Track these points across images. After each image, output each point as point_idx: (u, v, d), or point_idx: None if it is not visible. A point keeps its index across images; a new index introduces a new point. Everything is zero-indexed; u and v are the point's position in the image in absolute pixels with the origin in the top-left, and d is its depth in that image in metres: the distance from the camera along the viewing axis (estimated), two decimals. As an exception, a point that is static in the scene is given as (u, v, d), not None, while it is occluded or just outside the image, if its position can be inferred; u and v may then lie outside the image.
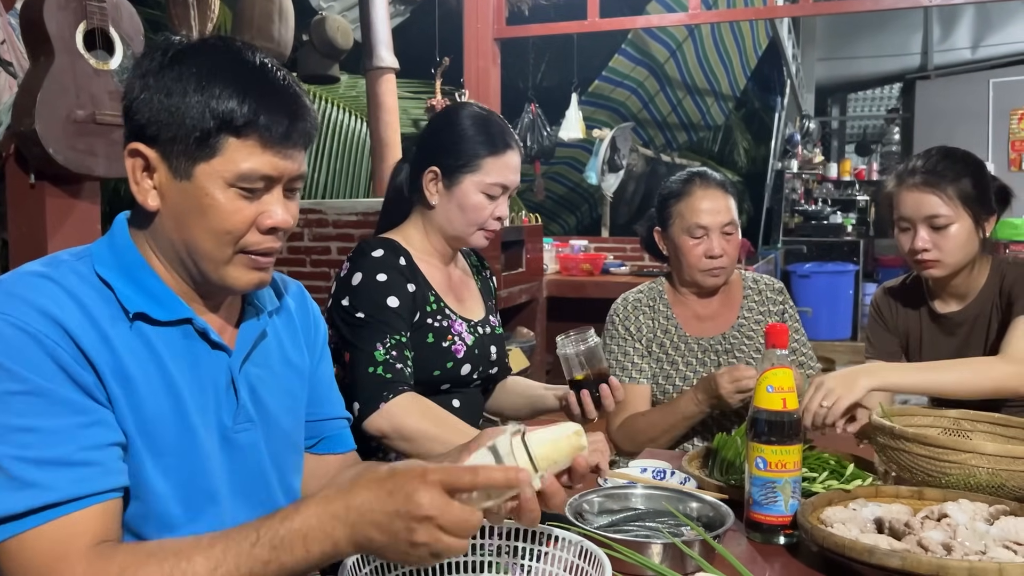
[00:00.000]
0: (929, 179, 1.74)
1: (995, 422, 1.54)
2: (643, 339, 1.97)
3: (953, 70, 10.81)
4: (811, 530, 1.13)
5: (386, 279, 1.55)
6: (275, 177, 0.99)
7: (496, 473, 0.85)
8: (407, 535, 0.82)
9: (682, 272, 1.95)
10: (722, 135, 10.62)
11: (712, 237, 1.88)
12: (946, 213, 1.72)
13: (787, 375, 1.23)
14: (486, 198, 1.60)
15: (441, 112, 1.73)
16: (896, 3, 4.67)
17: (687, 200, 1.91)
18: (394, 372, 1.49)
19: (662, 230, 1.98)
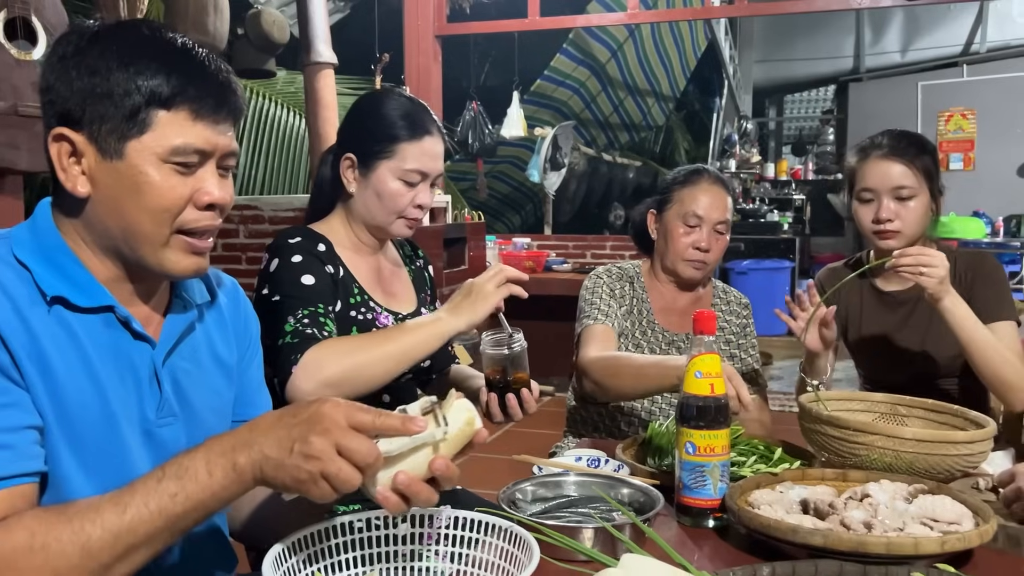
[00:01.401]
0: (895, 151, 1.80)
1: (928, 407, 1.58)
2: (623, 307, 1.96)
3: (884, 73, 11.16)
4: (739, 512, 1.15)
5: (301, 259, 1.50)
6: (208, 151, 0.98)
7: (393, 419, 0.86)
8: (302, 447, 0.82)
9: (666, 258, 1.96)
10: (663, 136, 10.79)
11: (704, 229, 1.90)
12: (911, 184, 1.79)
13: (715, 361, 1.24)
14: (404, 185, 1.56)
15: (360, 99, 1.70)
16: (828, 4, 4.79)
17: (691, 189, 1.92)
18: (303, 337, 1.41)
19: (657, 212, 1.99)
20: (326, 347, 1.39)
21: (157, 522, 0.84)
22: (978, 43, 10.68)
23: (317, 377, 1.35)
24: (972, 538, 1.04)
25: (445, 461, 0.91)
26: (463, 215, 4.82)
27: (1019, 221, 8.83)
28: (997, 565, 1.12)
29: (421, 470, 0.90)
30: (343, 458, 0.82)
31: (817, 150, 12.42)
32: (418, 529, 1.01)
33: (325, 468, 0.82)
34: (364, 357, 1.38)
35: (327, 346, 1.39)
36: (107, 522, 0.83)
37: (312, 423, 0.83)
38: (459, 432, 0.92)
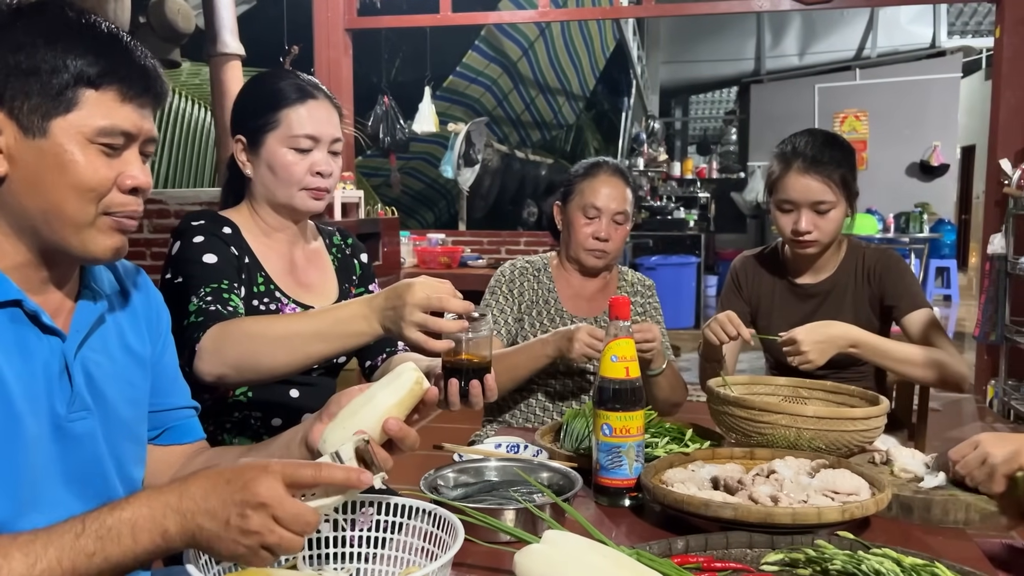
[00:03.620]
0: (816, 167, 1.87)
1: (827, 389, 1.67)
2: (522, 304, 2.01)
3: (783, 75, 11.62)
4: (653, 489, 1.19)
5: (203, 240, 1.45)
6: (134, 134, 0.96)
7: (337, 472, 0.84)
8: (239, 521, 0.80)
9: (570, 248, 2.01)
10: (573, 134, 10.93)
11: (603, 220, 1.95)
12: (830, 199, 1.87)
13: (629, 345, 1.28)
14: (296, 153, 1.50)
15: (245, 82, 1.66)
16: (730, 7, 4.95)
17: (590, 181, 1.97)
18: (207, 314, 1.34)
19: (562, 204, 2.04)
20: (227, 327, 1.30)
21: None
22: (869, 48, 11.24)
23: (216, 359, 1.27)
24: (869, 506, 1.11)
25: (398, 422, 0.93)
26: (376, 211, 4.78)
27: (908, 218, 9.33)
28: (892, 531, 1.20)
29: (374, 435, 0.92)
30: (284, 528, 0.80)
31: (721, 149, 12.85)
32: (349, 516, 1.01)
33: (265, 541, 0.80)
34: (263, 344, 1.27)
35: (228, 326, 1.30)
36: (14, 573, 0.78)
37: (248, 496, 0.80)
38: (408, 393, 0.94)
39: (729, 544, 1.08)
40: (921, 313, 1.88)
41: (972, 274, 10.87)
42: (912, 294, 1.91)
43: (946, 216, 10.28)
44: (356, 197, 4.62)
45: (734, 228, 11.92)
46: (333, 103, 1.57)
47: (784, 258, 2.06)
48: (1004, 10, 4.59)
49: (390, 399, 0.95)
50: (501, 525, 1.04)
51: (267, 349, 1.26)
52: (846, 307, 1.97)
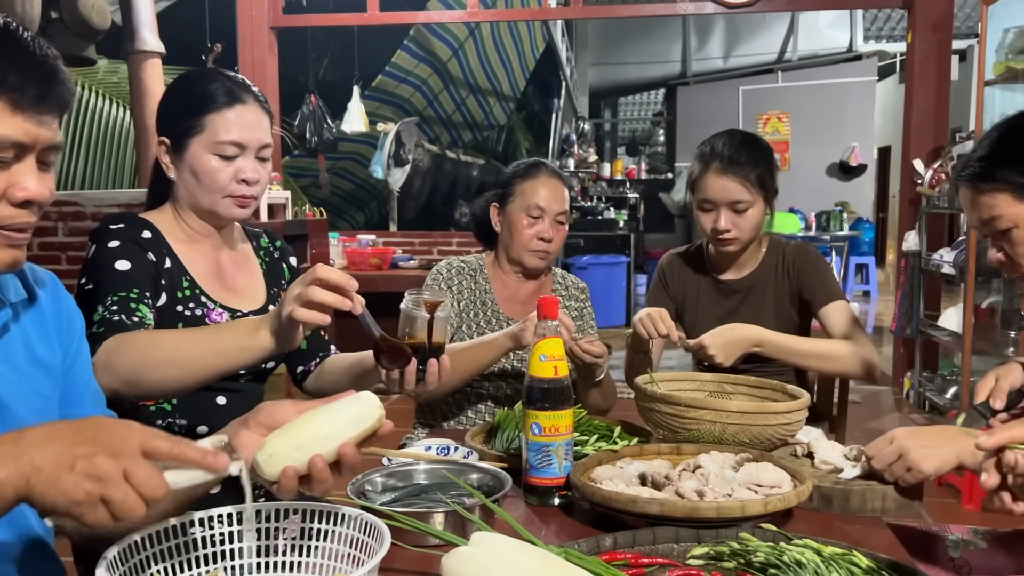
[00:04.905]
0: (733, 167, 1.91)
1: (750, 384, 1.71)
2: (462, 302, 1.99)
3: (708, 77, 11.88)
4: (582, 487, 1.20)
5: (118, 245, 1.40)
6: (28, 144, 0.90)
7: (192, 451, 0.80)
8: (86, 465, 0.74)
9: (511, 249, 1.99)
10: (505, 135, 10.95)
11: (546, 221, 1.95)
12: (747, 199, 1.92)
13: (558, 344, 1.29)
14: (221, 159, 1.45)
15: (172, 81, 1.60)
16: (655, 10, 5.03)
17: (532, 182, 1.97)
18: (109, 325, 1.29)
19: (500, 206, 2.02)
20: (122, 340, 1.25)
21: None
22: (790, 52, 11.58)
23: (108, 373, 1.22)
24: (791, 498, 1.13)
25: (353, 449, 0.91)
26: (304, 212, 4.70)
27: (828, 217, 9.64)
28: (813, 521, 1.23)
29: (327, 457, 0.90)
30: (129, 485, 0.75)
31: (649, 151, 13.04)
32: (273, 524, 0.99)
33: (108, 492, 0.74)
34: (155, 357, 1.23)
35: (123, 339, 1.26)
36: None
37: (101, 442, 0.75)
38: (370, 428, 0.93)
39: (656, 539, 1.09)
40: (836, 305, 1.95)
41: (890, 270, 11.29)
42: (828, 288, 1.97)
43: (865, 215, 10.66)
44: (283, 198, 4.53)
45: (663, 228, 12.13)
46: (263, 107, 1.52)
47: (708, 256, 2.10)
48: (915, 16, 4.78)
49: (352, 431, 0.93)
50: (429, 528, 1.03)
51: (155, 365, 1.22)
52: (767, 302, 2.02)
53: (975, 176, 1.31)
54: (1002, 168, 1.28)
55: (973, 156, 1.33)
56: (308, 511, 0.99)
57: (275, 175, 4.67)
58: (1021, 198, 1.27)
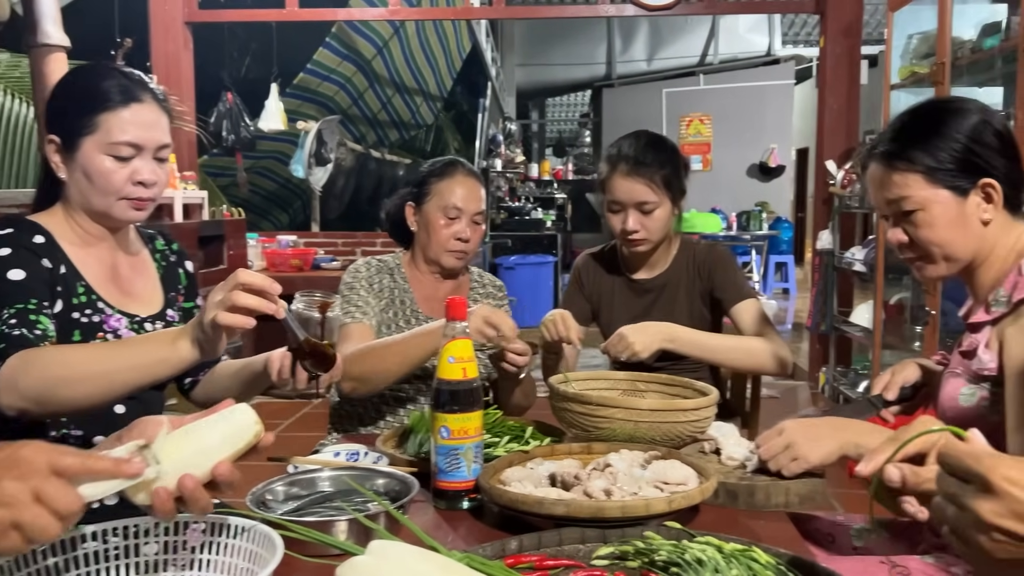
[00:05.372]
0: (639, 168, 1.93)
1: (663, 382, 1.73)
2: (383, 300, 1.95)
3: (633, 80, 12.05)
4: (489, 490, 1.18)
5: (10, 253, 1.33)
6: None
7: (102, 462, 0.78)
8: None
9: (428, 249, 1.96)
10: (433, 134, 10.89)
11: (463, 221, 1.92)
12: (653, 200, 1.94)
13: (467, 346, 1.27)
14: (115, 160, 1.39)
15: (63, 75, 1.53)
16: (577, 12, 5.06)
17: (448, 181, 1.93)
18: (9, 340, 1.23)
19: (416, 205, 1.98)
20: (27, 356, 1.20)
21: None
22: (712, 55, 11.83)
23: (14, 392, 1.17)
24: (695, 495, 1.14)
25: (229, 466, 0.88)
26: (222, 212, 4.57)
27: (748, 216, 9.88)
28: (719, 517, 1.24)
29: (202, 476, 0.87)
30: (41, 506, 0.73)
31: (576, 151, 13.16)
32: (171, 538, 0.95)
33: (19, 516, 0.72)
34: (66, 374, 1.17)
35: (29, 355, 1.20)
36: None
37: (7, 466, 0.73)
38: (246, 444, 0.91)
39: (562, 541, 1.08)
40: (747, 303, 1.98)
41: (808, 268, 11.62)
42: (738, 286, 2.01)
43: (784, 214, 10.96)
44: (199, 198, 4.41)
45: (590, 228, 12.24)
46: (162, 105, 1.45)
47: (621, 256, 2.12)
48: (827, 22, 4.93)
49: (227, 449, 0.89)
50: (324, 538, 0.99)
51: (67, 383, 1.17)
52: (680, 300, 2.05)
53: (889, 154, 1.33)
54: (915, 150, 1.30)
55: (886, 135, 1.35)
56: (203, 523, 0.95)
57: (191, 175, 4.54)
58: (932, 182, 1.29)
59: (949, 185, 1.29)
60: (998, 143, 1.29)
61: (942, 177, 1.29)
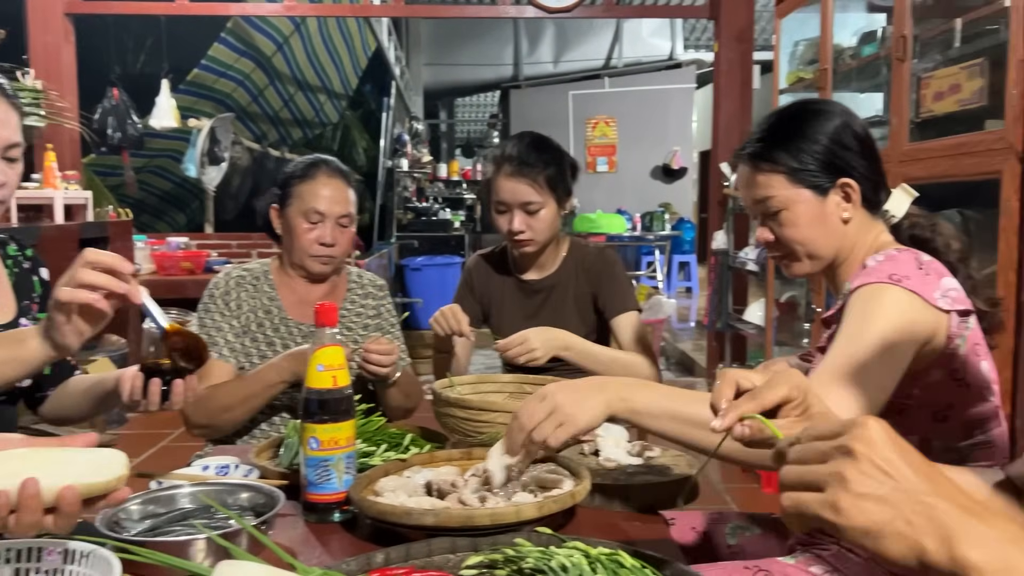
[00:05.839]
0: (523, 169, 1.93)
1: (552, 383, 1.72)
2: (242, 317, 1.88)
3: (540, 81, 12.11)
4: (359, 501, 1.14)
5: None
6: None
7: None
8: None
9: (292, 254, 1.90)
10: (340, 133, 10.70)
11: (327, 224, 1.86)
12: (538, 200, 1.94)
13: (337, 353, 1.23)
14: None
15: None
16: (478, 12, 5.05)
17: (310, 183, 1.86)
18: None
19: (280, 208, 1.91)
20: None
21: None
22: (616, 58, 12.01)
23: None
24: (566, 499, 1.13)
25: (76, 494, 0.83)
26: (108, 212, 4.36)
27: (652, 217, 10.08)
28: (595, 520, 1.24)
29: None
30: None
31: (485, 152, 13.14)
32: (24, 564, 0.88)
33: None
34: None
35: None
36: None
37: None
38: (106, 485, 0.87)
39: (432, 551, 1.05)
40: (628, 316, 2.01)
41: (709, 267, 11.95)
42: (621, 297, 2.03)
43: (687, 215, 11.23)
44: (83, 198, 4.19)
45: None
46: (11, 102, 1.37)
47: (511, 257, 2.12)
48: (721, 27, 5.06)
49: (85, 478, 0.85)
50: (171, 560, 0.94)
51: None
52: (568, 302, 2.06)
53: (754, 155, 1.37)
54: (779, 151, 1.34)
55: (754, 136, 1.38)
56: (29, 550, 0.89)
57: (73, 174, 4.32)
58: (794, 182, 1.33)
59: (810, 185, 1.33)
60: (858, 145, 1.33)
61: (804, 177, 1.33)
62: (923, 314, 1.19)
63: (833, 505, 0.57)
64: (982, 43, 2.58)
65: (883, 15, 3.51)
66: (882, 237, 1.36)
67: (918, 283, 1.20)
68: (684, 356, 6.46)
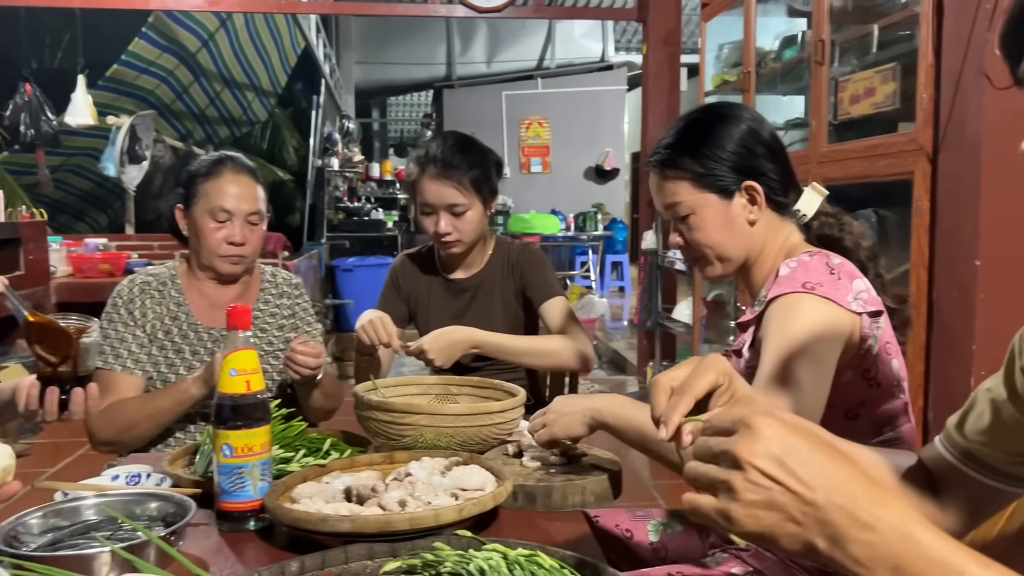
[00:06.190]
0: (447, 171, 1.92)
1: (475, 384, 1.71)
2: (147, 325, 1.81)
3: (473, 81, 12.09)
4: (273, 509, 1.11)
5: None
6: None
7: None
8: None
9: (200, 255, 1.83)
10: (270, 132, 10.49)
11: (235, 223, 1.80)
12: (463, 202, 1.93)
13: (250, 356, 1.20)
14: None
15: None
16: (408, 10, 5.00)
17: (215, 181, 1.80)
18: None
19: (185, 208, 1.84)
20: None
21: None
22: (549, 59, 12.07)
23: None
24: (486, 501, 1.12)
25: None
26: (20, 213, 4.18)
27: (585, 217, 10.17)
28: (517, 521, 1.23)
29: None
30: None
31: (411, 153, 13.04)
32: None
33: None
34: None
35: None
36: None
37: None
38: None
39: (348, 558, 1.03)
40: (555, 302, 2.01)
41: (642, 267, 12.11)
42: (547, 285, 2.04)
43: (619, 215, 11.36)
44: (-8, 198, 4.00)
45: (432, 228, 12.19)
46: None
47: (438, 256, 2.10)
48: (649, 30, 5.13)
49: None
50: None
51: None
52: (495, 300, 2.06)
53: (661, 162, 1.39)
54: (685, 157, 1.36)
55: (661, 143, 1.40)
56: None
57: (-19, 172, 4.12)
58: (699, 187, 1.36)
59: (715, 189, 1.35)
60: (764, 149, 1.36)
61: (709, 182, 1.35)
62: (839, 318, 1.22)
63: (725, 514, 0.59)
64: (897, 48, 2.67)
65: (804, 20, 3.60)
66: (792, 238, 1.39)
67: (831, 289, 1.23)
68: (616, 355, 6.52)
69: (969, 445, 0.94)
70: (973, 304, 2.08)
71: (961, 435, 0.95)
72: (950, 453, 0.96)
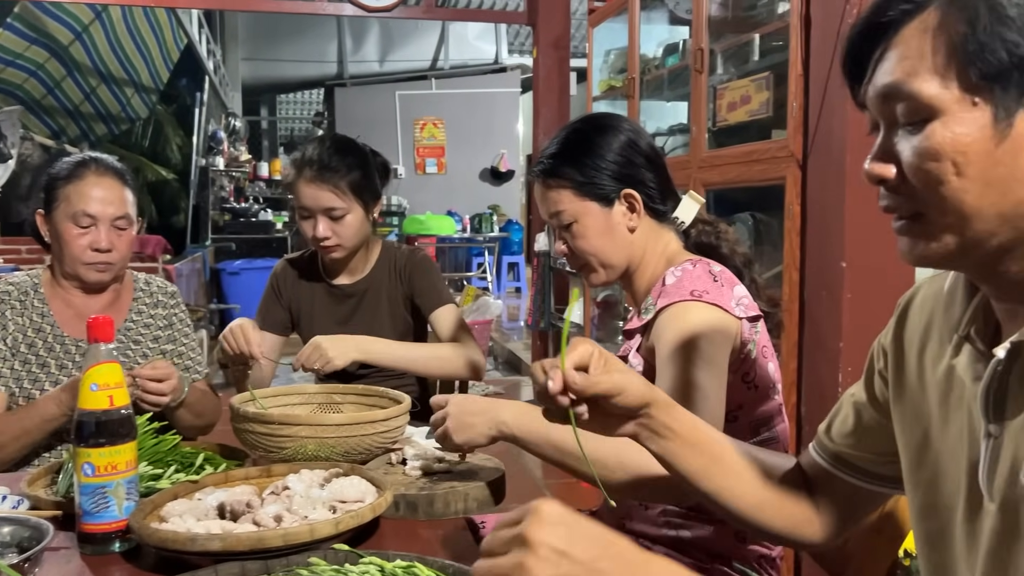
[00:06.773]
0: (324, 174, 1.87)
1: (360, 392, 1.69)
2: (8, 338, 1.70)
3: (365, 80, 11.94)
4: (138, 529, 1.06)
5: None
6: None
7: None
8: None
9: (64, 263, 1.73)
10: (152, 129, 10.05)
11: (101, 229, 1.71)
12: (341, 206, 1.89)
13: (114, 370, 1.14)
14: None
15: None
16: (296, 8, 4.89)
17: (77, 184, 1.70)
18: None
19: (46, 213, 1.74)
20: None
21: None
22: (443, 60, 12.04)
23: None
24: (365, 513, 1.10)
25: None
26: None
27: (481, 219, 10.20)
28: (400, 531, 1.22)
29: None
30: None
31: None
32: None
33: None
34: None
35: None
36: None
37: None
38: None
39: (219, 578, 1.00)
40: (444, 310, 2.00)
41: (537, 267, 12.23)
42: (436, 291, 2.03)
43: (515, 217, 11.44)
44: None
45: (326, 229, 11.96)
46: None
47: (321, 261, 2.06)
48: (539, 33, 5.18)
49: None
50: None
51: None
52: (382, 305, 2.03)
53: (544, 172, 1.41)
54: (565, 166, 1.38)
55: (544, 153, 1.42)
56: None
57: None
58: (580, 195, 1.38)
59: (596, 197, 1.38)
60: (642, 159, 1.40)
61: (589, 190, 1.38)
62: (727, 323, 1.27)
63: None
64: (772, 58, 2.78)
65: (686, 28, 3.71)
66: (672, 245, 1.43)
67: (716, 295, 1.28)
68: (511, 355, 6.57)
69: (838, 448, 0.99)
70: (840, 304, 2.19)
71: (830, 439, 1.00)
72: (822, 458, 1.01)
